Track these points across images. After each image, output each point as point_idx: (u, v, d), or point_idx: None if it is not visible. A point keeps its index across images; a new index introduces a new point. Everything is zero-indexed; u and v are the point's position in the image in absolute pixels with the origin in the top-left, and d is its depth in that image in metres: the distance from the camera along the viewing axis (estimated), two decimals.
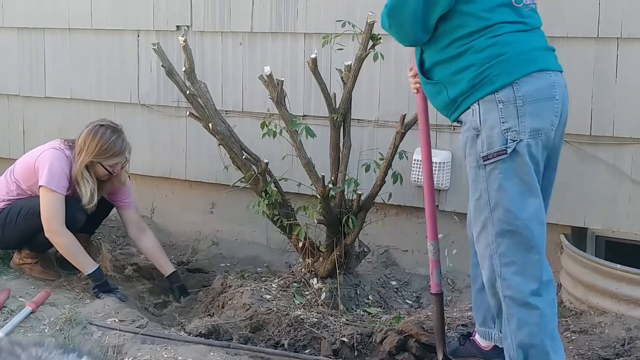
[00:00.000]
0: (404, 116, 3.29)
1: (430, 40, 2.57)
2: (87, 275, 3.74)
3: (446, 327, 3.21)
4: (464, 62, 2.49)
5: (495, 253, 2.53)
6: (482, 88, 2.46)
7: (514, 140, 2.43)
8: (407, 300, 3.79)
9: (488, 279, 2.59)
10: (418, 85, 2.76)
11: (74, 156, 3.73)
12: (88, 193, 3.71)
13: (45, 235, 3.67)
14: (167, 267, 3.96)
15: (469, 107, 2.50)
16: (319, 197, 3.42)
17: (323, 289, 3.54)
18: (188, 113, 3.68)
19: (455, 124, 2.78)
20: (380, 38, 3.29)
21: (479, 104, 2.48)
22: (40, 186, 3.66)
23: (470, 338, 2.99)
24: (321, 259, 3.61)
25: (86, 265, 3.73)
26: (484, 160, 2.48)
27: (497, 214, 2.49)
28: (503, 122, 2.44)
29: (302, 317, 3.30)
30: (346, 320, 3.35)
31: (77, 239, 3.72)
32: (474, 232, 2.62)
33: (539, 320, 2.51)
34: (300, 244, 3.63)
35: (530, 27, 2.54)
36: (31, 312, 3.40)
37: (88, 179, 3.71)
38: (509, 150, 2.44)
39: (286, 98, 3.46)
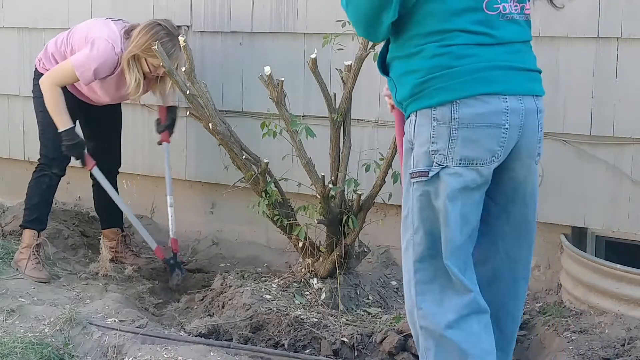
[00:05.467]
0: None
1: (395, 32, 2.31)
2: (59, 131, 3.84)
3: None
4: (413, 65, 2.25)
5: (413, 279, 2.32)
6: (421, 99, 2.23)
7: (440, 165, 2.20)
8: None
9: (407, 307, 2.38)
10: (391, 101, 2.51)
11: (126, 47, 3.82)
12: (133, 82, 3.81)
13: (39, 80, 3.86)
14: (169, 102, 4.13)
15: (409, 116, 2.29)
16: (319, 197, 3.42)
17: (323, 289, 3.54)
18: (188, 113, 3.68)
19: None
20: None
21: (416, 115, 2.25)
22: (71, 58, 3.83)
23: None
24: (321, 259, 3.61)
25: (60, 123, 3.84)
26: (411, 177, 2.27)
27: (417, 237, 2.29)
28: (432, 142, 2.20)
29: (302, 317, 3.30)
30: (346, 320, 3.35)
31: (62, 98, 3.83)
32: (402, 253, 2.39)
33: (457, 356, 2.25)
34: (300, 244, 3.63)
35: (498, 40, 2.22)
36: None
37: (134, 69, 3.80)
38: (431, 174, 2.21)
39: (286, 98, 3.46)
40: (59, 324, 3.29)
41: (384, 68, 2.42)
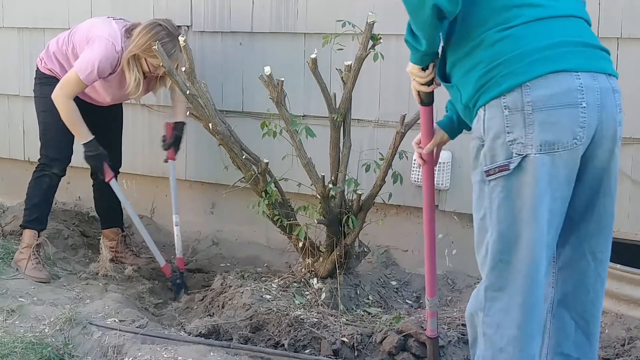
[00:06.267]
0: (404, 116, 3.29)
1: (451, 36, 2.20)
2: (81, 143, 3.87)
3: (446, 327, 3.21)
4: (474, 59, 2.12)
5: (485, 282, 2.19)
6: (488, 91, 2.09)
7: (520, 154, 2.05)
8: (407, 300, 3.79)
9: (471, 308, 2.27)
10: (423, 155, 2.43)
11: (127, 46, 3.84)
12: (133, 81, 3.83)
13: (52, 96, 3.83)
14: (180, 116, 4.09)
15: (476, 114, 2.15)
16: (319, 197, 3.42)
17: (323, 289, 3.54)
18: (188, 113, 3.68)
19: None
20: (380, 38, 3.29)
21: (484, 110, 2.11)
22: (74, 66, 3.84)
23: None
24: (321, 259, 3.61)
25: (80, 135, 3.87)
26: (487, 175, 2.11)
27: (493, 238, 2.13)
28: (508, 132, 2.06)
29: (302, 317, 3.30)
30: (346, 320, 3.35)
31: (77, 111, 3.83)
32: (477, 256, 2.24)
33: None
34: (300, 244, 3.63)
35: (559, 12, 2.12)
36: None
37: (134, 68, 3.82)
38: (512, 166, 2.06)
39: (286, 98, 3.46)
40: (59, 324, 3.29)
41: (446, 79, 2.30)
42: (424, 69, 2.30)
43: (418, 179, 3.75)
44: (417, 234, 3.96)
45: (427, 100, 2.42)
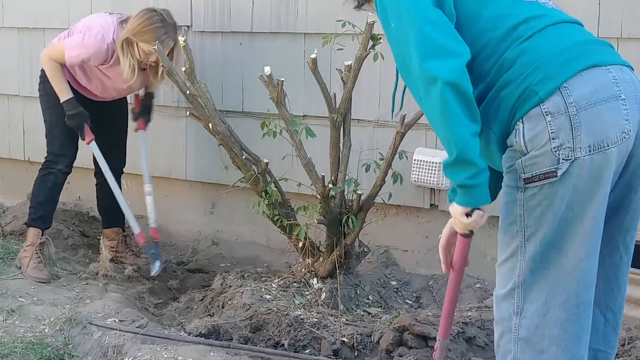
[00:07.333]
0: (404, 116, 3.29)
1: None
2: (62, 102, 3.89)
3: None
4: (499, 85, 2.03)
5: (521, 287, 2.07)
6: (525, 103, 1.98)
7: (567, 160, 1.95)
8: (407, 300, 3.79)
9: (501, 315, 2.15)
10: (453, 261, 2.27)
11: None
12: (127, 67, 3.80)
13: (40, 55, 3.94)
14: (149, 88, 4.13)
15: (513, 129, 2.02)
16: (319, 197, 3.42)
17: (323, 289, 3.54)
18: (188, 113, 3.68)
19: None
20: (380, 38, 3.29)
21: (522, 122, 1.99)
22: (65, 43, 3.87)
23: None
24: (321, 259, 3.61)
25: (61, 94, 3.89)
26: (525, 183, 2.00)
27: (532, 246, 2.03)
28: (553, 139, 1.95)
29: (302, 317, 3.30)
30: (346, 320, 3.35)
31: (62, 71, 3.89)
32: (499, 258, 2.14)
33: None
34: (300, 244, 3.63)
35: (562, 19, 2.10)
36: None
37: (127, 53, 3.80)
38: (560, 172, 1.95)
39: (286, 98, 3.46)
40: (59, 324, 3.29)
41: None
42: (467, 215, 2.08)
43: (418, 179, 3.75)
44: (417, 234, 3.96)
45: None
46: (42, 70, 4.06)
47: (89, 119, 3.95)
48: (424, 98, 2.03)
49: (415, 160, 3.73)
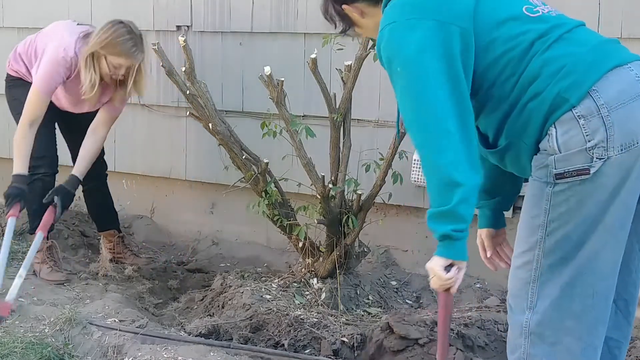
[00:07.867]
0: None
1: (483, 108, 2.14)
2: (13, 174, 3.78)
3: None
4: (528, 96, 2.07)
5: (536, 281, 2.09)
6: (556, 109, 2.03)
7: (601, 158, 2.00)
8: (407, 300, 3.79)
9: (513, 309, 2.17)
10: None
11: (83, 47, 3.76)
12: (88, 81, 3.71)
13: (18, 122, 3.82)
14: (76, 169, 3.95)
15: (546, 135, 2.06)
16: (319, 197, 3.42)
17: (323, 289, 3.54)
18: (188, 113, 3.68)
19: None
20: None
21: (555, 127, 2.04)
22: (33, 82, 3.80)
23: None
24: (321, 259, 3.61)
25: (16, 166, 3.79)
26: (556, 178, 2.04)
27: (553, 241, 2.06)
28: (589, 140, 2.00)
29: (302, 317, 3.30)
30: (346, 320, 3.35)
31: (30, 144, 3.79)
32: (515, 251, 2.17)
33: None
34: (300, 244, 3.63)
35: (574, 24, 2.14)
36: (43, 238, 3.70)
37: (90, 68, 3.71)
38: (593, 170, 2.00)
39: (286, 98, 3.46)
40: (59, 324, 3.29)
41: (491, 146, 2.21)
42: (446, 268, 2.13)
43: (418, 179, 3.75)
44: (417, 234, 3.96)
45: None
46: (7, 75, 4.01)
47: (25, 199, 3.79)
48: (419, 150, 2.09)
49: (415, 160, 3.73)
